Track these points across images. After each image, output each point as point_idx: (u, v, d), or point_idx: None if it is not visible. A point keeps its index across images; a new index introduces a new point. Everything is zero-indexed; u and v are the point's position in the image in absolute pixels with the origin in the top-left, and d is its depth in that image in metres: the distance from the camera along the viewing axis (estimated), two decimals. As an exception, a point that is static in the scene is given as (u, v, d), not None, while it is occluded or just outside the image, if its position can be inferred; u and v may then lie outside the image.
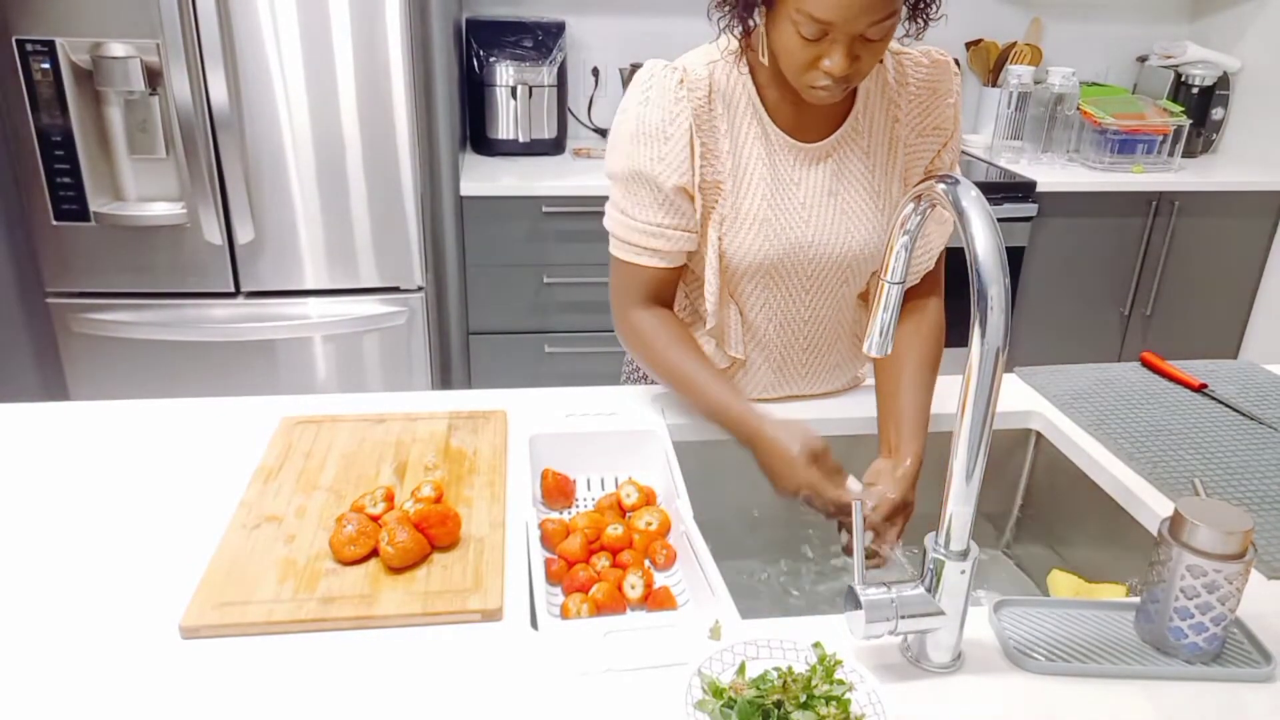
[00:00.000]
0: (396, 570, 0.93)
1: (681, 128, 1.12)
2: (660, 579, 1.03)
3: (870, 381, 1.31)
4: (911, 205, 0.84)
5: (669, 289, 1.23)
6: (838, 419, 1.29)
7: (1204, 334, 3.05)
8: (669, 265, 1.19)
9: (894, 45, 1.18)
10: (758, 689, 0.76)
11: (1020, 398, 1.36)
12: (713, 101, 1.14)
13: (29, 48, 2.07)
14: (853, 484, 1.11)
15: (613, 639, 0.85)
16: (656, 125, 1.12)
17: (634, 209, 1.17)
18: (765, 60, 1.11)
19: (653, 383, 1.40)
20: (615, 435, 1.21)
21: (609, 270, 1.24)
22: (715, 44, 1.15)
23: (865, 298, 1.32)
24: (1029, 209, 2.73)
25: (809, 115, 1.16)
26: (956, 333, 1.08)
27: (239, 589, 0.90)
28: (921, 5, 1.08)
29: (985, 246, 0.73)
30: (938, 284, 1.29)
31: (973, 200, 0.76)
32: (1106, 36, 3.25)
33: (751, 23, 1.09)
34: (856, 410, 1.30)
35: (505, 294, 2.65)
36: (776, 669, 0.79)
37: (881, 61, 1.17)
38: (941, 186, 0.78)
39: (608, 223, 1.21)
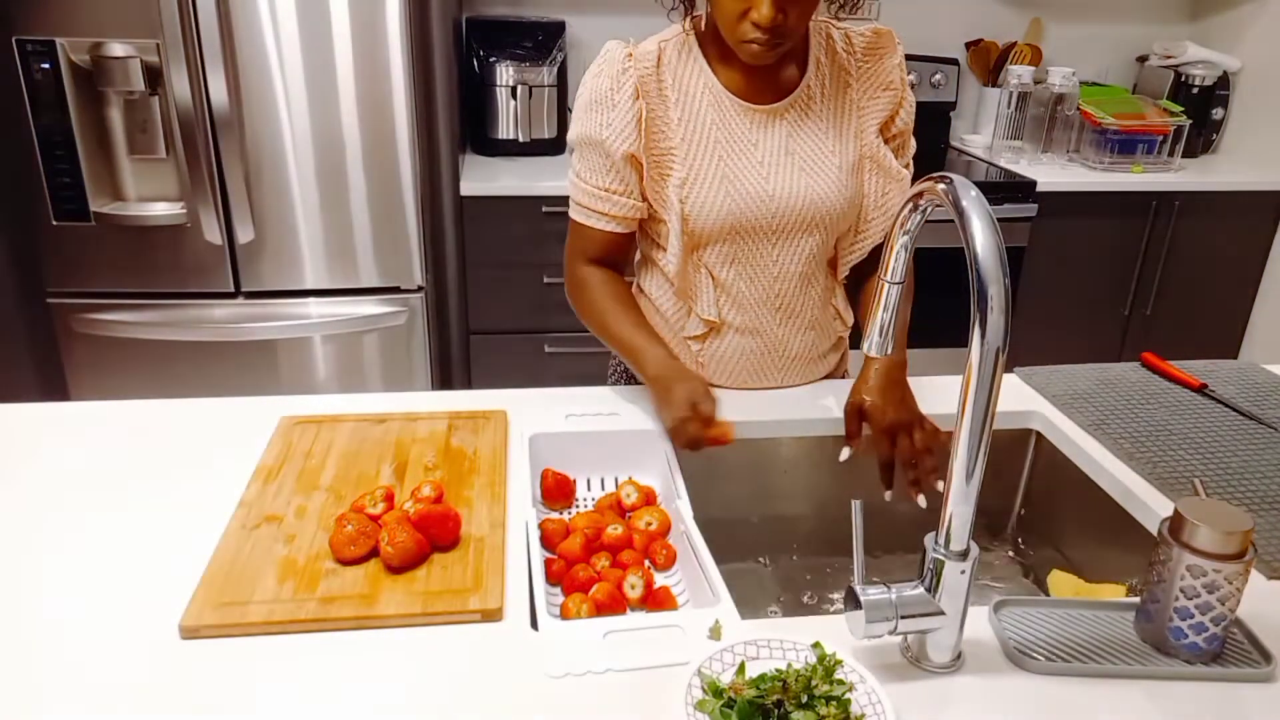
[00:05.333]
0: (396, 570, 0.93)
1: (626, 94, 1.19)
2: (660, 579, 1.03)
3: (852, 375, 1.31)
4: (910, 206, 0.84)
5: (618, 252, 1.31)
6: (820, 419, 1.28)
7: (1204, 334, 3.05)
8: (617, 230, 1.26)
9: (838, 22, 1.27)
10: (757, 689, 0.76)
11: (1020, 398, 1.36)
12: (661, 73, 1.21)
13: (29, 47, 2.07)
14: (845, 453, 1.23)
15: (613, 639, 0.85)
16: (605, 93, 1.20)
17: (586, 173, 1.25)
18: (704, 27, 1.22)
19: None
20: (615, 435, 1.21)
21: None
22: (672, 27, 1.23)
23: (834, 265, 1.35)
24: (1029, 209, 2.73)
25: (762, 82, 1.23)
26: (956, 333, 1.08)
27: (239, 589, 0.90)
28: None
29: (985, 246, 0.73)
30: None
31: (972, 200, 0.75)
32: (1106, 36, 3.25)
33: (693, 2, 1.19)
34: (838, 409, 1.27)
35: (505, 294, 2.65)
36: (776, 669, 0.79)
37: (831, 36, 1.26)
38: (942, 186, 0.78)
39: (567, 186, 1.29)
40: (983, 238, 0.73)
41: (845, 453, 1.22)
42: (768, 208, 1.23)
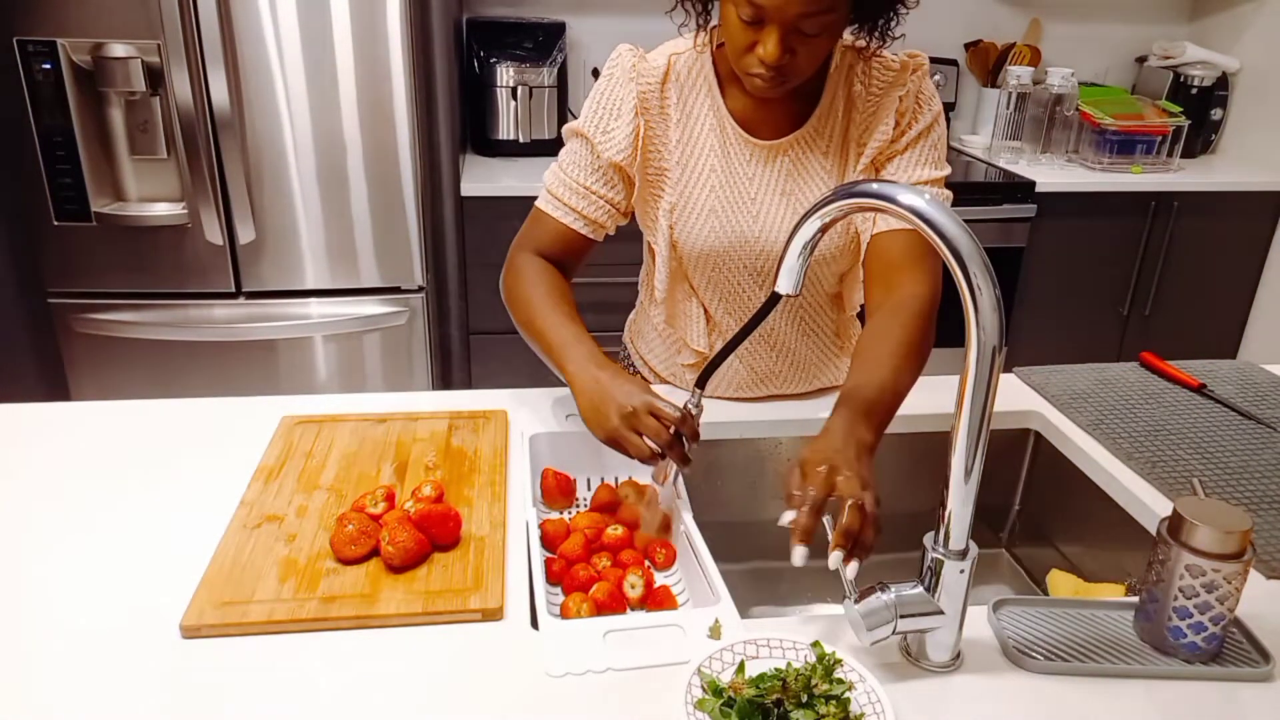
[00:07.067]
0: (397, 570, 0.93)
1: (628, 106, 1.15)
2: (660, 579, 1.03)
3: None
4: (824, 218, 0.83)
5: (572, 254, 1.23)
6: (821, 419, 1.28)
7: (1203, 334, 3.05)
8: (581, 230, 1.20)
9: (871, 49, 1.15)
10: (757, 688, 0.76)
11: (1019, 397, 1.36)
12: (666, 90, 1.16)
13: (30, 48, 2.07)
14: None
15: (613, 639, 0.86)
16: (611, 101, 1.16)
17: (571, 167, 1.20)
18: (715, 47, 1.15)
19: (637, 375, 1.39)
20: (615, 435, 1.20)
21: (523, 224, 1.25)
22: (689, 36, 1.17)
23: (840, 300, 1.30)
24: (1028, 209, 2.73)
25: (770, 113, 1.17)
26: (955, 333, 1.08)
27: (239, 589, 0.90)
28: (868, 13, 1.07)
29: (961, 243, 0.72)
30: (924, 275, 1.14)
31: (928, 203, 0.74)
32: (1105, 37, 3.25)
33: (708, 15, 1.12)
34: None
35: (505, 294, 2.64)
36: (776, 668, 0.79)
37: (854, 68, 1.16)
38: (891, 205, 0.76)
39: (545, 176, 1.23)
40: (953, 232, 0.72)
41: (786, 516, 0.88)
42: (752, 248, 1.19)
